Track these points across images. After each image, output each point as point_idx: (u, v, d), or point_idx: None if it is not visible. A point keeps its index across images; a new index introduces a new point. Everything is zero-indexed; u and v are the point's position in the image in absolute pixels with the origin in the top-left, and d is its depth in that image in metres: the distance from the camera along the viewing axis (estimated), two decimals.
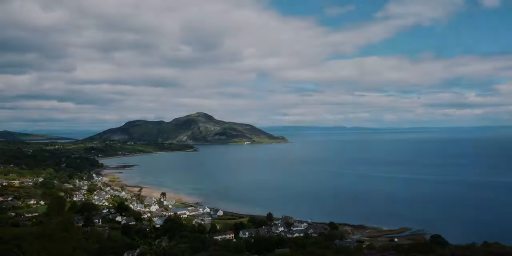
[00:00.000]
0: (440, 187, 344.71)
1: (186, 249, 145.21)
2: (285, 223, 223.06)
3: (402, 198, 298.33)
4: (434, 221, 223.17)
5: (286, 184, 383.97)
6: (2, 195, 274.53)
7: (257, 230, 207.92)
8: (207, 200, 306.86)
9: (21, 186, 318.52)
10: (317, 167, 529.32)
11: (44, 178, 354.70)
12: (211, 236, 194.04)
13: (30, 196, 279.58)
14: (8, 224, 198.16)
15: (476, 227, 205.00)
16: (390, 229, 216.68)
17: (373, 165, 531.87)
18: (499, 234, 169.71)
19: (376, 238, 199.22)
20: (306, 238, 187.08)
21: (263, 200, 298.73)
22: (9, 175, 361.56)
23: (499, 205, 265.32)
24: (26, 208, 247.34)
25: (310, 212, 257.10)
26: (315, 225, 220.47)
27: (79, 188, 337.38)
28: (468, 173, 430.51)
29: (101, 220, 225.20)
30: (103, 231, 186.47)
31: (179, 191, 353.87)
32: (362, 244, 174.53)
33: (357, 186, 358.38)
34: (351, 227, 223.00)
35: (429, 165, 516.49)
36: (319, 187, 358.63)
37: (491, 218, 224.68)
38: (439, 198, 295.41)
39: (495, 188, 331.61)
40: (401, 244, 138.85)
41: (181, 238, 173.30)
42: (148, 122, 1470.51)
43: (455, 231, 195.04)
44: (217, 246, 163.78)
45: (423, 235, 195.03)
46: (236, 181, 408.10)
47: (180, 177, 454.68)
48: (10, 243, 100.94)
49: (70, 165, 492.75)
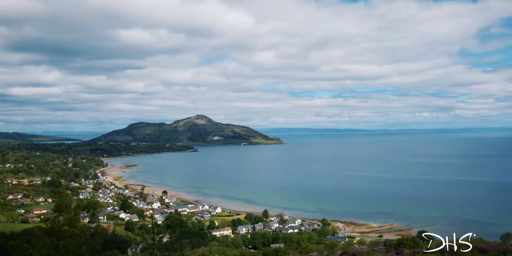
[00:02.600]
0: (424, 185, 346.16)
1: (187, 245, 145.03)
2: (280, 220, 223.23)
3: (389, 196, 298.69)
4: (420, 218, 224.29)
5: (281, 183, 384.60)
6: (12, 193, 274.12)
7: (254, 226, 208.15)
8: (206, 198, 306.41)
9: (30, 185, 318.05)
10: (310, 166, 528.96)
11: (52, 177, 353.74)
12: (210, 232, 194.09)
13: (39, 194, 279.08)
14: (18, 220, 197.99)
15: (460, 223, 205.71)
16: (379, 226, 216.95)
17: (365, 165, 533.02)
18: (482, 229, 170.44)
19: (367, 234, 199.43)
20: (300, 234, 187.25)
21: (259, 197, 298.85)
22: (18, 174, 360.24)
23: (482, 202, 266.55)
24: (35, 205, 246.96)
25: (303, 209, 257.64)
26: (308, 221, 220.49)
27: (85, 187, 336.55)
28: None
29: (106, 217, 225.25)
30: (108, 227, 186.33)
31: (179, 189, 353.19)
32: (353, 239, 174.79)
33: (347, 185, 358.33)
34: (343, 223, 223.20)
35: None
36: (313, 185, 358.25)
37: (474, 215, 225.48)
38: (426, 196, 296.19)
39: (477, 187, 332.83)
40: (390, 239, 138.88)
41: (182, 234, 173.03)
42: (150, 124, 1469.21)
43: (440, 227, 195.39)
44: (215, 241, 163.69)
45: (410, 231, 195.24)
46: (233, 180, 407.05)
47: (181, 176, 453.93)
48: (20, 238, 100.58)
49: (76, 165, 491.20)
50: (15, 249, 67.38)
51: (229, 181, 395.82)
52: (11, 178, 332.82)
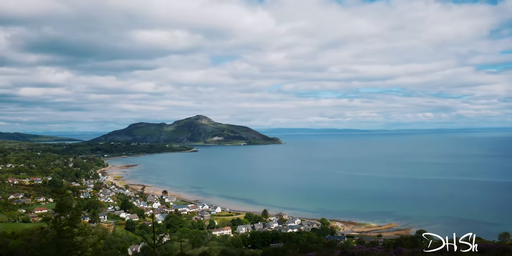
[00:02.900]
0: (422, 185, 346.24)
1: (187, 244, 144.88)
2: (280, 219, 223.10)
3: (388, 196, 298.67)
4: (419, 218, 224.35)
5: (280, 182, 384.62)
6: (14, 193, 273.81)
7: (253, 226, 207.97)
8: (206, 198, 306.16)
9: (31, 185, 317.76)
10: (308, 166, 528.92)
11: (53, 177, 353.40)
12: (210, 231, 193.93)
13: (40, 194, 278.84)
14: (19, 220, 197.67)
15: (458, 223, 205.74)
16: (378, 225, 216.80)
17: (362, 165, 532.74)
18: (480, 229, 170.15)
19: (365, 234, 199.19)
20: (299, 233, 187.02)
21: (258, 197, 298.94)
22: (20, 174, 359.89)
23: (479, 202, 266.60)
24: (36, 205, 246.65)
25: (302, 208, 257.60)
26: (307, 221, 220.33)
27: (86, 187, 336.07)
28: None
29: (107, 216, 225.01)
30: (109, 227, 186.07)
31: (179, 189, 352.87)
32: (352, 239, 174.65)
33: (346, 185, 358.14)
34: (342, 223, 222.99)
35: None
36: (312, 185, 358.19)
37: (473, 214, 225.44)
38: (424, 196, 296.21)
39: (474, 186, 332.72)
40: (388, 239, 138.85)
41: (182, 233, 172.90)
42: (150, 124, 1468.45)
43: (438, 227, 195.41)
44: (215, 240, 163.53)
45: (409, 231, 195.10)
46: (233, 180, 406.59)
47: (181, 176, 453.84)
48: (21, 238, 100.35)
49: (77, 164, 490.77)
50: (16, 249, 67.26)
51: (228, 181, 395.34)
52: (12, 178, 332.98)
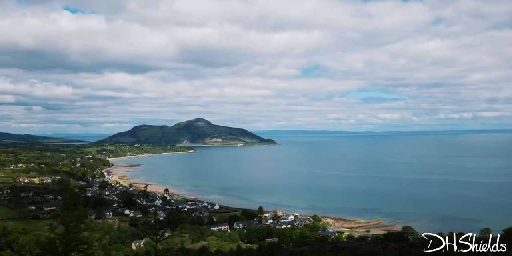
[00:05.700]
0: (407, 183, 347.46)
1: (187, 239, 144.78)
2: (274, 216, 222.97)
3: (376, 194, 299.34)
4: (404, 214, 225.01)
5: (275, 181, 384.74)
6: (24, 191, 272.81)
7: (249, 222, 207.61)
8: (205, 196, 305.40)
9: (41, 183, 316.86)
10: (302, 166, 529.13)
11: (61, 176, 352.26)
12: (209, 227, 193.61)
13: (49, 192, 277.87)
14: (29, 217, 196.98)
15: (441, 219, 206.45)
16: (366, 221, 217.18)
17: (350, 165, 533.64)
18: (462, 225, 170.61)
19: (355, 229, 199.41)
20: (293, 229, 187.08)
21: (254, 195, 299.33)
22: (30, 173, 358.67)
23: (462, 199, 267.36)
24: (45, 202, 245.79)
25: (296, 206, 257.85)
26: (300, 217, 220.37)
27: (92, 185, 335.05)
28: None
29: (111, 213, 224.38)
30: (113, 223, 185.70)
31: (180, 187, 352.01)
32: (342, 234, 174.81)
33: (336, 184, 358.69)
34: (332, 219, 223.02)
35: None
36: (304, 184, 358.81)
37: (455, 211, 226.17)
38: (409, 194, 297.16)
39: (457, 185, 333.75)
40: (376, 234, 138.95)
41: (182, 229, 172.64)
42: (152, 126, 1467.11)
43: (423, 223, 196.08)
44: (214, 236, 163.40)
45: (395, 227, 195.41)
46: (230, 178, 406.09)
47: (181, 175, 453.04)
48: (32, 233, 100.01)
49: (84, 164, 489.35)
50: (27, 243, 67.27)
51: (226, 180, 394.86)
52: (23, 177, 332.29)
